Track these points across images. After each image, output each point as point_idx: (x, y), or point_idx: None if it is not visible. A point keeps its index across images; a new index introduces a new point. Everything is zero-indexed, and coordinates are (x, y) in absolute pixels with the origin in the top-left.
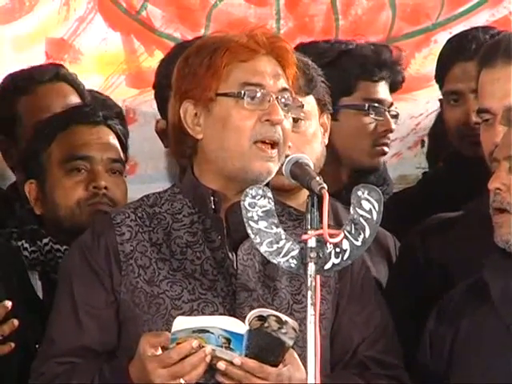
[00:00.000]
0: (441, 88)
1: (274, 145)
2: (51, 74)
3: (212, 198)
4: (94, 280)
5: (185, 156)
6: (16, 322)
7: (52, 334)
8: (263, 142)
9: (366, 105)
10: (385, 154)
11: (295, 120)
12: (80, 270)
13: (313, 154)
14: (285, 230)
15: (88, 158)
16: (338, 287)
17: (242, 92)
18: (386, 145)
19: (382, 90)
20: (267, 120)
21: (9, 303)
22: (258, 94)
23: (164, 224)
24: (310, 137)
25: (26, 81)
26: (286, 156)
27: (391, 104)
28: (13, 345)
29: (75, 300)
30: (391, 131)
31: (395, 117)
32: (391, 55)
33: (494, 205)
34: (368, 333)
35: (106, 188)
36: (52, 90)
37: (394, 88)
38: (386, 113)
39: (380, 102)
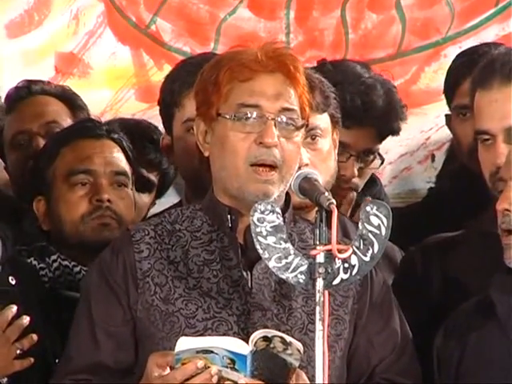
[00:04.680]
0: (449, 102)
1: (271, 167)
2: (23, 92)
3: (229, 215)
4: (111, 298)
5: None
6: (35, 336)
7: (70, 350)
8: (259, 165)
9: None
10: None
11: (312, 138)
12: (98, 288)
13: (328, 171)
14: (305, 248)
15: (91, 172)
16: (356, 307)
17: (237, 115)
18: None
19: None
20: (261, 143)
21: (27, 318)
22: (254, 116)
23: (183, 242)
24: (325, 154)
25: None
26: None
27: None
28: (32, 360)
29: (93, 318)
30: None
31: None
32: None
33: (503, 226)
34: (386, 354)
35: (109, 201)
36: (26, 106)
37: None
38: None
39: None
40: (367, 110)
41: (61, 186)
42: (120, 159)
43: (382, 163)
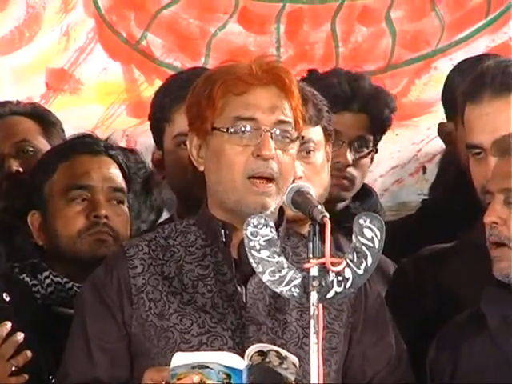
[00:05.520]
0: (448, 111)
1: (269, 179)
2: None
3: (223, 230)
4: (106, 314)
5: (193, 187)
6: (29, 353)
7: (65, 367)
8: (257, 178)
9: None
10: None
11: (307, 151)
12: (92, 304)
13: (322, 184)
14: (299, 262)
15: (89, 188)
16: (350, 321)
17: (234, 128)
18: None
19: None
20: (258, 155)
21: (21, 335)
22: (249, 129)
23: (177, 257)
24: (319, 167)
25: None
26: None
27: None
28: (26, 376)
29: (88, 334)
30: None
31: None
32: None
33: (491, 239)
34: (380, 367)
35: (106, 217)
36: None
37: None
38: None
39: None
40: (355, 93)
41: (58, 201)
42: (117, 175)
43: (376, 151)
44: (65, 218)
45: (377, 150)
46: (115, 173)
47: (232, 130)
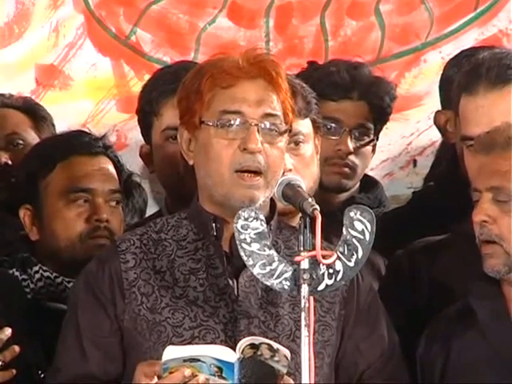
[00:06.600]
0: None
1: (256, 173)
2: None
3: (214, 224)
4: (98, 308)
5: (187, 181)
6: (17, 348)
7: (57, 362)
8: (244, 171)
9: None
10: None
11: (296, 143)
12: (85, 299)
13: (311, 176)
14: (291, 255)
15: (89, 190)
16: (343, 313)
17: (220, 122)
18: None
19: None
20: (244, 149)
21: (8, 330)
22: (237, 123)
23: (169, 251)
24: (308, 159)
25: None
26: None
27: None
28: (14, 371)
29: (80, 328)
30: None
31: None
32: None
33: (482, 237)
34: (373, 359)
35: (107, 221)
36: None
37: None
38: None
39: None
40: (355, 81)
41: (56, 201)
42: (115, 176)
43: (377, 139)
44: (64, 220)
45: (378, 139)
46: (113, 173)
47: (219, 124)
